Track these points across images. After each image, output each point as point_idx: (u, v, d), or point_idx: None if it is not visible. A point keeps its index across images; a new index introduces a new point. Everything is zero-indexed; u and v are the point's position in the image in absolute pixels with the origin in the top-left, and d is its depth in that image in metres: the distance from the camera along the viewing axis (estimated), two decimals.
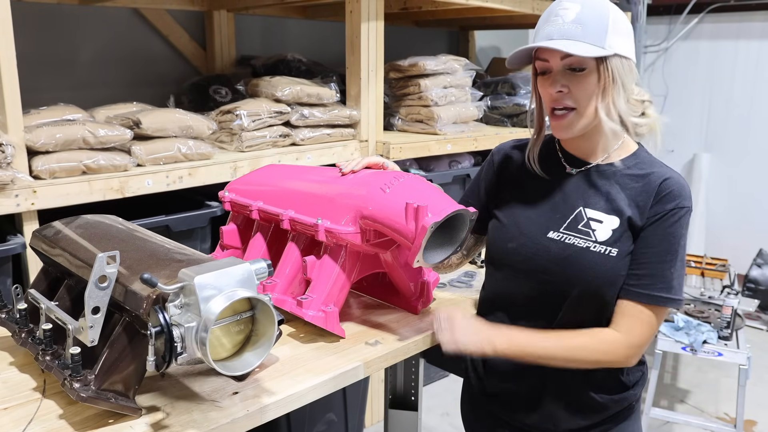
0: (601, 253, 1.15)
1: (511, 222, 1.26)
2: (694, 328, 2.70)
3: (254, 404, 1.04)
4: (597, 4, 1.13)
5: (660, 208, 1.14)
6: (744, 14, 4.42)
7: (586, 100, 1.13)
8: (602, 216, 1.18)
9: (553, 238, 1.20)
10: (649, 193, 1.16)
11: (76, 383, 0.95)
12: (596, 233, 1.17)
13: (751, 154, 4.50)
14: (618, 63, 1.12)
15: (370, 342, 1.28)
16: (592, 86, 1.13)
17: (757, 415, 3.01)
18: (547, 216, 1.22)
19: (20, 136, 1.70)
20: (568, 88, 1.13)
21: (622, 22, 1.14)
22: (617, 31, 1.12)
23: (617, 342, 1.15)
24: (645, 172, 1.18)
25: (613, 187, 1.19)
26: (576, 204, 1.21)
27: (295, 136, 2.34)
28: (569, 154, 1.26)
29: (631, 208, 1.16)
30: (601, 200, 1.19)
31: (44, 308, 1.10)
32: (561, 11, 1.12)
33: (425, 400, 2.84)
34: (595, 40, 1.10)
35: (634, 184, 1.18)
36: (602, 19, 1.11)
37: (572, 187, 1.23)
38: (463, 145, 2.81)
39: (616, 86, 1.13)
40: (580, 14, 1.11)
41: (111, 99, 2.26)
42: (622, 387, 1.25)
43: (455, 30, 4.13)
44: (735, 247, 4.46)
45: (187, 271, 0.93)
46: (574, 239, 1.18)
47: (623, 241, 1.15)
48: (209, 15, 2.94)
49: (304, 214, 1.31)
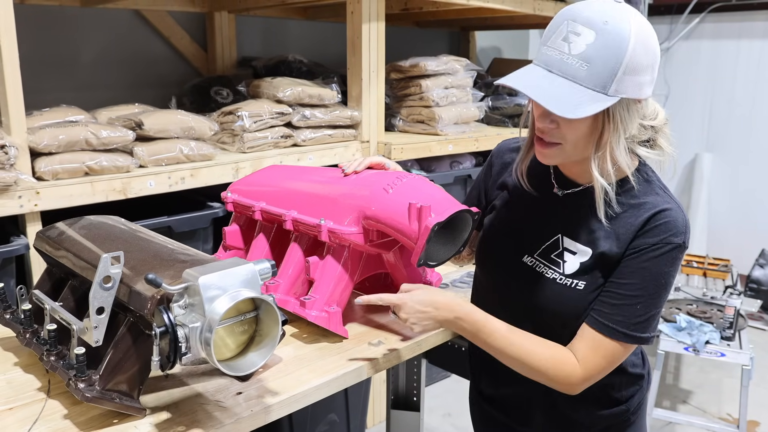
0: (567, 285, 1.10)
1: (492, 236, 1.25)
2: (696, 329, 2.70)
3: (258, 404, 1.04)
4: (614, 38, 0.94)
5: (642, 242, 1.04)
6: (745, 14, 4.42)
7: (576, 142, 1.02)
8: (578, 246, 1.11)
9: (526, 263, 1.17)
10: (633, 224, 1.06)
11: (81, 383, 0.96)
12: (565, 265, 1.11)
13: (753, 153, 4.50)
14: (623, 108, 0.98)
15: (373, 342, 1.28)
16: (585, 130, 1.00)
17: (760, 416, 3.01)
18: (525, 237, 1.18)
19: (23, 137, 1.71)
20: (557, 124, 1.01)
21: (642, 54, 0.96)
22: (633, 69, 0.95)
23: (574, 373, 1.06)
24: (636, 201, 1.07)
25: (595, 217, 1.09)
26: (555, 230, 1.15)
27: (297, 137, 2.35)
28: (560, 174, 1.17)
29: (608, 241, 1.07)
30: (581, 231, 1.11)
31: (49, 309, 1.10)
32: (571, 36, 0.96)
33: (427, 400, 2.84)
34: (599, 83, 0.95)
35: (621, 212, 1.08)
36: (615, 59, 0.94)
37: (556, 210, 1.16)
38: (464, 145, 2.81)
39: (617, 133, 1.00)
40: (591, 48, 0.94)
41: (113, 100, 2.27)
42: (614, 402, 1.21)
43: (456, 30, 4.13)
44: (737, 248, 4.46)
45: (192, 272, 0.93)
46: (544, 268, 1.14)
47: (593, 274, 1.09)
48: (210, 16, 2.94)
49: (307, 214, 1.31)
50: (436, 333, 1.35)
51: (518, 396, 1.25)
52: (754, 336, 3.80)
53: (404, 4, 2.88)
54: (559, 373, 1.07)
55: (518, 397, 1.25)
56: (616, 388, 1.20)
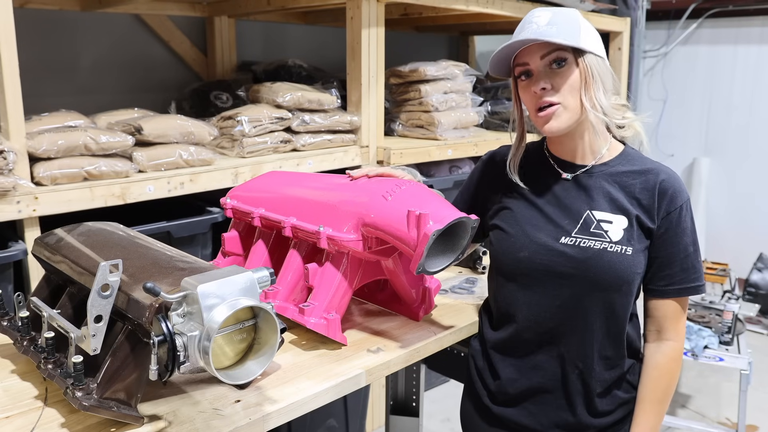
0: (618, 252, 1.17)
1: (518, 231, 1.25)
2: (695, 333, 2.70)
3: (257, 412, 1.04)
4: (568, 11, 1.18)
5: (670, 208, 1.18)
6: (742, 19, 4.43)
7: (569, 94, 1.16)
8: (610, 216, 1.20)
9: (567, 244, 1.20)
10: (650, 191, 1.19)
11: (78, 392, 0.95)
12: (609, 234, 1.19)
13: (751, 157, 4.51)
14: (594, 60, 1.16)
15: (372, 349, 1.28)
16: (574, 80, 1.15)
17: (759, 420, 3.01)
18: (555, 223, 1.22)
19: (22, 142, 1.70)
20: (551, 84, 1.16)
21: (592, 29, 1.20)
22: (589, 34, 1.17)
23: (677, 350, 1.23)
24: (640, 168, 1.22)
25: (612, 187, 1.21)
26: (581, 208, 1.22)
27: (296, 142, 2.35)
28: (560, 160, 1.27)
29: (635, 207, 1.19)
30: (604, 201, 1.21)
31: (46, 316, 1.10)
32: (534, 19, 1.16)
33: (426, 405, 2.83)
34: (570, 38, 1.14)
35: (632, 180, 1.21)
36: (574, 22, 1.17)
37: (572, 191, 1.24)
38: (463, 150, 2.81)
39: (596, 82, 1.16)
40: (553, 18, 1.15)
41: (112, 105, 2.27)
42: (630, 387, 1.26)
43: (455, 35, 4.14)
44: (735, 252, 4.46)
45: (190, 280, 0.93)
46: (589, 242, 1.19)
47: (636, 239, 1.18)
48: (210, 21, 2.95)
49: (306, 221, 1.31)
50: (435, 339, 1.35)
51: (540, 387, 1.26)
52: (753, 340, 3.80)
53: (404, 9, 2.88)
54: (678, 364, 1.24)
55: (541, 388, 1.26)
56: (631, 371, 1.26)
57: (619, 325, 1.21)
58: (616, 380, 1.24)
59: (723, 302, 3.10)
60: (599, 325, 1.20)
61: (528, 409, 1.27)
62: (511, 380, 1.27)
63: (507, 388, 1.28)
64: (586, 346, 1.21)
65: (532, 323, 1.24)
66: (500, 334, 1.29)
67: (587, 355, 1.21)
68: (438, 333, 1.37)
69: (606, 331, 1.21)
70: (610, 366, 1.23)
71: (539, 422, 1.26)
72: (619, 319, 1.21)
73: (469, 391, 1.39)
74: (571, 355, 1.22)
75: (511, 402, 1.28)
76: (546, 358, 1.24)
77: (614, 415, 1.25)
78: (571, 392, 1.23)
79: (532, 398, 1.26)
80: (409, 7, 2.84)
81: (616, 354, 1.23)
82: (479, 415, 1.35)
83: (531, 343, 1.25)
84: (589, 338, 1.21)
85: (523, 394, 1.26)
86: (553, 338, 1.23)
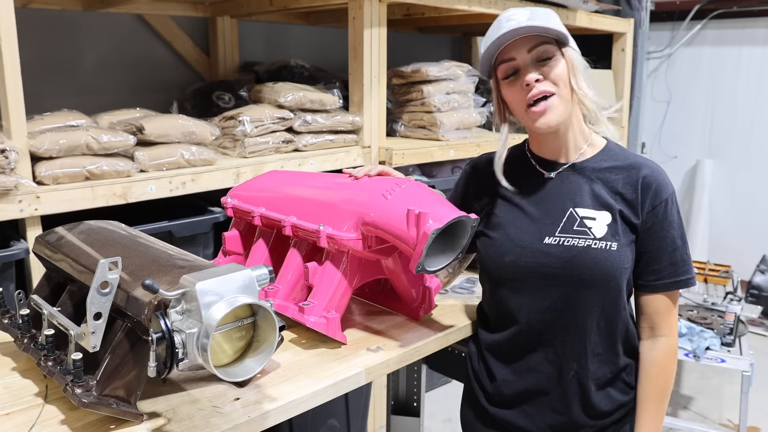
0: (602, 248, 1.17)
1: (502, 235, 1.25)
2: (697, 335, 2.69)
3: (256, 410, 1.04)
4: (544, 9, 1.20)
5: (655, 202, 1.18)
6: (747, 20, 4.42)
7: (562, 82, 1.17)
8: (593, 213, 1.19)
9: (551, 244, 1.20)
10: (633, 186, 1.19)
11: (78, 389, 0.96)
12: (593, 230, 1.18)
13: (755, 159, 4.49)
14: (575, 54, 1.19)
15: (371, 348, 1.28)
16: (562, 70, 1.17)
17: (761, 422, 3.00)
18: (538, 223, 1.22)
19: (24, 141, 1.71)
20: (542, 75, 1.16)
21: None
22: (562, 27, 1.19)
23: (671, 346, 1.22)
24: (622, 163, 1.22)
25: (595, 183, 1.21)
26: (565, 206, 1.22)
27: (298, 142, 2.35)
28: (542, 159, 1.28)
29: (618, 202, 1.19)
30: (587, 198, 1.21)
31: (47, 314, 1.10)
32: (513, 15, 1.16)
33: (428, 405, 2.83)
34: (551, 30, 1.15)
35: (615, 176, 1.21)
36: (554, 17, 1.19)
37: (555, 190, 1.24)
38: (465, 151, 2.81)
39: (580, 74, 1.19)
40: (532, 15, 1.16)
41: (114, 105, 2.27)
42: (628, 387, 1.26)
43: (458, 36, 4.14)
44: (738, 253, 4.45)
45: (189, 278, 0.93)
46: (573, 240, 1.18)
47: (621, 234, 1.18)
48: (213, 21, 2.95)
49: (306, 220, 1.31)
50: (435, 338, 1.35)
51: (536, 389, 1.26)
52: (755, 342, 3.79)
53: (406, 9, 2.89)
54: (673, 361, 1.24)
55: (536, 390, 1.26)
56: (628, 371, 1.26)
57: (611, 321, 1.21)
58: (612, 378, 1.24)
59: (725, 304, 3.09)
60: (591, 322, 1.20)
61: (525, 410, 1.26)
62: (507, 382, 1.27)
63: (503, 390, 1.28)
64: (580, 344, 1.21)
65: (524, 326, 1.23)
66: (494, 337, 1.29)
67: (581, 354, 1.21)
68: (438, 332, 1.36)
69: (598, 329, 1.21)
70: (604, 362, 1.23)
71: (536, 424, 1.26)
72: (610, 315, 1.20)
73: (467, 393, 1.39)
74: (566, 356, 1.22)
75: (507, 404, 1.28)
76: (541, 359, 1.24)
77: (611, 417, 1.25)
78: (568, 393, 1.23)
79: (529, 400, 1.26)
80: (411, 8, 2.84)
81: (609, 350, 1.23)
82: (477, 416, 1.35)
83: (525, 345, 1.25)
84: (582, 337, 1.20)
85: (520, 396, 1.26)
86: (546, 339, 1.22)
